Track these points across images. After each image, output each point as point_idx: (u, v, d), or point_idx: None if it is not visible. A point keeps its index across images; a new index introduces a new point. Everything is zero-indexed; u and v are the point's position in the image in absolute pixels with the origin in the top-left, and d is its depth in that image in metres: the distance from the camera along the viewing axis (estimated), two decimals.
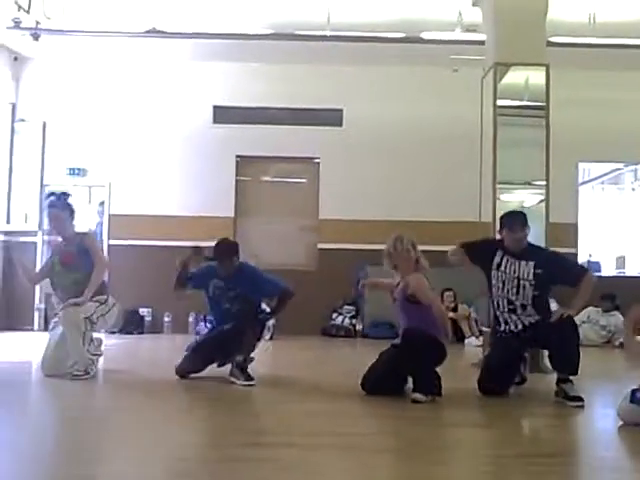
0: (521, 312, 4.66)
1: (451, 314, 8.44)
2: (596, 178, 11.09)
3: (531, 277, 4.62)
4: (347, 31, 8.06)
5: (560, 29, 7.34)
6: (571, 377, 4.45)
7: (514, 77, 6.59)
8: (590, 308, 8.40)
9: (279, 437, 3.47)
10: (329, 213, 9.28)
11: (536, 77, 6.46)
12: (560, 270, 4.70)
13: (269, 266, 9.24)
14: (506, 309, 4.71)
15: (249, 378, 4.88)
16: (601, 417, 4.42)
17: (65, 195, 5.32)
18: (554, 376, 4.60)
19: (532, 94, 6.52)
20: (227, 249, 5.22)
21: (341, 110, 9.49)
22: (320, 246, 9.28)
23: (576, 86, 8.60)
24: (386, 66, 9.20)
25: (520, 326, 4.68)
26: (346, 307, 9.04)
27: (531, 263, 4.65)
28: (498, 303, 4.75)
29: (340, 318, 9.00)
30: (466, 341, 8.24)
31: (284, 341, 8.25)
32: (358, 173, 9.17)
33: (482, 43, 7.05)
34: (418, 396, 4.29)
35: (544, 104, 6.35)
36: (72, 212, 5.29)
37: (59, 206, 5.23)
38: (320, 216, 9.38)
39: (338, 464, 3.02)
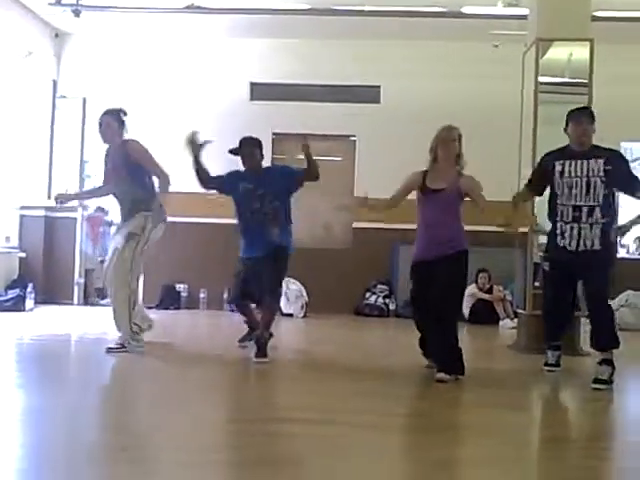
0: (585, 219, 4.49)
1: (486, 296, 8.37)
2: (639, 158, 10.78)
3: (602, 173, 4.47)
4: (385, 6, 7.95)
5: (605, 3, 7.10)
6: (607, 357, 4.36)
7: (557, 53, 6.42)
8: (629, 292, 8.24)
9: (312, 414, 3.49)
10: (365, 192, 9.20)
11: (580, 53, 6.28)
12: (624, 174, 4.54)
13: (304, 244, 9.31)
14: (570, 217, 4.54)
15: (263, 355, 4.94)
16: (635, 402, 4.34)
17: (120, 109, 5.42)
18: (590, 360, 4.54)
19: (575, 70, 6.36)
20: (250, 140, 5.37)
21: (379, 87, 9.37)
22: (355, 225, 9.24)
23: (621, 62, 8.33)
24: (425, 41, 9.04)
25: (574, 245, 4.52)
26: (380, 286, 9.01)
27: (600, 160, 4.51)
28: (562, 212, 4.60)
29: (373, 297, 8.97)
30: (501, 323, 8.15)
31: (317, 319, 8.29)
32: (395, 151, 9.06)
33: (524, 18, 6.89)
34: (442, 376, 4.27)
35: (587, 81, 6.17)
36: (122, 123, 5.36)
37: (111, 115, 5.34)
38: (356, 195, 9.33)
39: (371, 442, 3.03)
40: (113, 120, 5.33)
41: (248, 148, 5.35)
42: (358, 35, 8.98)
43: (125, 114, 5.41)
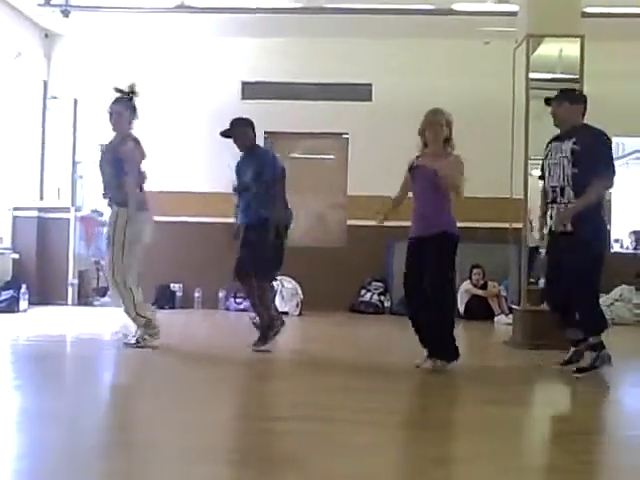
0: (559, 199, 4.51)
1: (480, 292, 8.40)
2: (631, 153, 10.84)
3: (569, 153, 4.49)
4: (376, 4, 7.95)
5: None
6: (594, 342, 4.36)
7: (547, 49, 6.44)
8: (623, 286, 8.28)
9: (308, 411, 3.49)
10: (358, 189, 9.22)
11: (570, 49, 6.31)
12: (592, 155, 4.44)
13: (298, 242, 9.31)
14: (550, 198, 4.63)
15: (262, 342, 5.01)
16: (632, 396, 4.37)
17: (129, 95, 5.38)
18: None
19: (565, 66, 6.38)
20: (241, 120, 5.52)
21: (370, 84, 9.38)
22: (349, 222, 9.25)
23: (611, 58, 8.36)
24: (416, 39, 9.04)
25: (554, 226, 4.56)
26: (374, 283, 9.02)
27: (572, 139, 4.53)
28: (547, 194, 4.68)
29: (368, 295, 8.98)
30: (496, 319, 8.17)
31: (312, 317, 8.29)
32: (387, 148, 9.06)
33: (514, 14, 6.90)
34: (429, 364, 4.28)
35: (578, 77, 6.20)
36: (134, 110, 5.36)
37: (121, 103, 5.36)
38: (349, 192, 9.34)
39: (370, 439, 3.03)
40: (124, 109, 5.32)
41: (239, 128, 5.46)
42: (349, 33, 8.97)
43: (136, 96, 5.37)
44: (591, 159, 4.43)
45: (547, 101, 4.85)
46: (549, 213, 4.64)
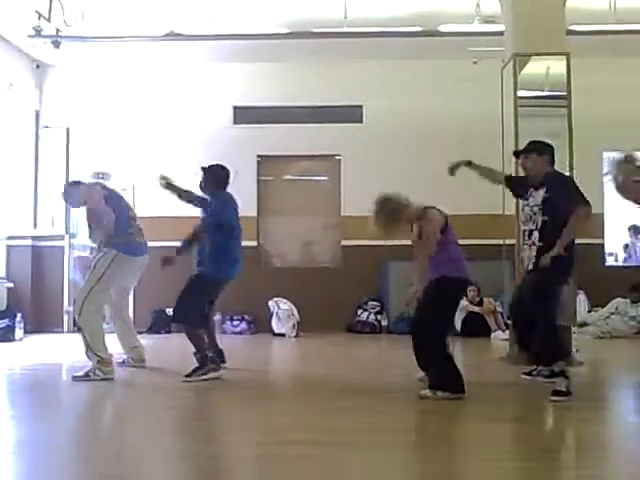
0: (528, 239, 4.66)
1: (476, 308, 8.41)
2: None
3: (540, 201, 4.61)
4: (364, 27, 8.04)
5: (580, 17, 7.23)
6: (560, 369, 4.34)
7: (534, 67, 6.51)
8: (619, 299, 8.29)
9: (308, 434, 3.48)
10: (351, 210, 9.26)
11: (557, 66, 6.36)
12: (561, 196, 4.52)
13: (293, 264, 9.33)
14: (522, 241, 4.80)
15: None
16: (631, 410, 4.36)
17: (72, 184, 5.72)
18: (584, 369, 4.55)
19: (553, 84, 6.45)
20: (210, 165, 5.71)
21: (361, 106, 9.47)
22: (343, 243, 9.27)
23: (598, 74, 8.47)
24: (405, 60, 9.16)
25: (528, 264, 4.67)
26: (371, 303, 9.02)
27: (545, 187, 4.62)
28: (523, 234, 4.83)
29: (365, 314, 8.98)
30: (492, 335, 8.18)
31: (309, 338, 8.27)
32: (380, 169, 9.13)
33: (501, 34, 6.98)
34: (424, 392, 4.26)
35: (565, 93, 6.27)
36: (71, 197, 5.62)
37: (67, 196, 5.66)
38: (342, 213, 9.38)
39: (369, 460, 3.02)
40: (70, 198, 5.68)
41: (205, 169, 5.68)
42: (338, 56, 9.08)
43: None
44: (560, 204, 4.50)
45: (516, 154, 4.96)
46: (522, 255, 4.84)
